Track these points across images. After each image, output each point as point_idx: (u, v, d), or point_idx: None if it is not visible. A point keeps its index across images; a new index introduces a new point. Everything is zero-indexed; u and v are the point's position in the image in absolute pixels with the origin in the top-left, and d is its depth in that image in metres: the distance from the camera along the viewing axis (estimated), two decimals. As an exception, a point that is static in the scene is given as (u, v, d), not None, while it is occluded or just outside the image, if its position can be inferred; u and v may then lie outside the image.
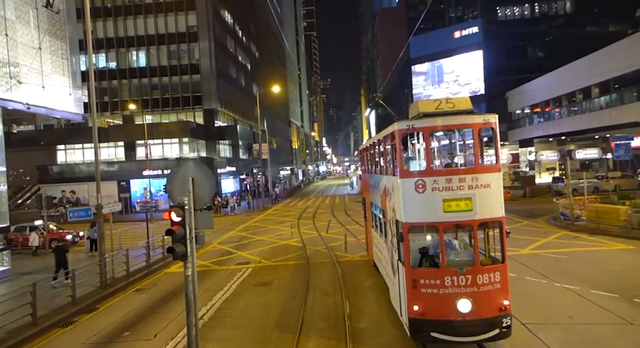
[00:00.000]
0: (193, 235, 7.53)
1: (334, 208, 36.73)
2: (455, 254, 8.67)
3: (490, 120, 7.85)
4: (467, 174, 7.67)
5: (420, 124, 7.93)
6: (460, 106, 8.12)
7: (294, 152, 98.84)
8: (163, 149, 43.65)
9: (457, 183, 7.59)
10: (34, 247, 21.36)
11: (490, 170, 7.85)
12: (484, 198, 7.62)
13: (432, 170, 8.00)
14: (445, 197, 7.57)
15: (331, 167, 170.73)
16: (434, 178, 7.66)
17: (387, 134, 9.09)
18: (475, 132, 7.89)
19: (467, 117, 8.02)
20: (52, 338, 10.33)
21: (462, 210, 7.58)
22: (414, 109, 8.51)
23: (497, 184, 7.80)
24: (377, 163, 11.57)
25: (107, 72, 47.38)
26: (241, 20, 60.34)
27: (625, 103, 31.98)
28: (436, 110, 8.08)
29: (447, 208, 7.57)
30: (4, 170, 17.08)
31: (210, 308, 11.67)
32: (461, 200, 7.57)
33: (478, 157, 7.86)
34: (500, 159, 8.18)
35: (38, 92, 17.16)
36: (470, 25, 60.84)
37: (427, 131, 8.01)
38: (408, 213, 7.82)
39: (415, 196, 7.71)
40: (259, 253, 19.05)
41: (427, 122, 7.93)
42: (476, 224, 7.65)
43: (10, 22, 16.13)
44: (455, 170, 8.00)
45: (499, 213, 7.77)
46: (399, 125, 8.08)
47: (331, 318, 10.42)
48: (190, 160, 8.23)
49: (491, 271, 7.61)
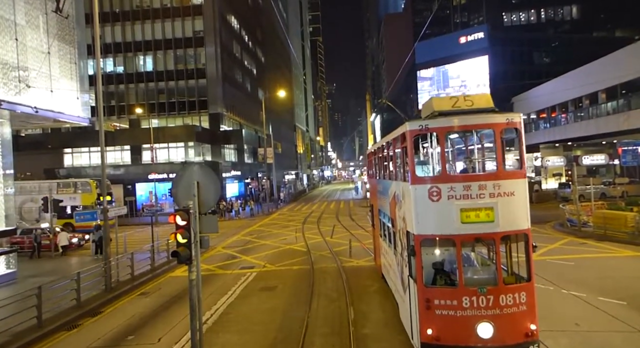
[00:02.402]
0: (198, 239, 7.54)
1: (338, 213, 36.67)
2: (474, 271, 7.83)
3: (514, 120, 7.03)
4: (488, 181, 6.85)
5: (434, 124, 7.11)
6: (480, 104, 7.29)
7: (299, 156, 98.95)
8: (169, 152, 43.86)
9: (476, 191, 6.80)
10: (60, 247, 21.52)
11: (514, 176, 7.04)
12: (508, 208, 6.83)
13: (448, 176, 7.18)
14: (463, 206, 6.79)
15: (336, 172, 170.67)
16: (450, 185, 6.87)
17: (397, 136, 8.34)
18: (498, 133, 7.01)
19: (487, 116, 7.16)
20: (57, 341, 10.35)
21: (483, 222, 6.79)
22: (428, 107, 7.72)
23: (522, 192, 6.99)
24: (385, 167, 10.79)
25: (114, 77, 47.83)
26: (247, 25, 60.75)
27: (632, 109, 31.76)
28: (452, 108, 7.27)
29: (465, 219, 6.78)
30: (12, 173, 17.21)
31: (214, 312, 11.65)
32: (481, 210, 6.78)
33: (500, 161, 7.01)
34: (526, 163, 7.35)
35: (46, 96, 17.33)
36: (476, 31, 60.78)
37: (442, 132, 7.25)
38: (421, 225, 7.03)
39: (429, 205, 6.93)
40: (263, 257, 19.03)
41: (443, 122, 7.11)
42: (498, 237, 6.86)
43: (21, 26, 16.33)
44: (474, 176, 7.27)
45: (524, 224, 6.95)
46: (411, 126, 7.27)
47: (335, 323, 10.37)
48: (196, 164, 8.25)
49: (516, 291, 6.78)
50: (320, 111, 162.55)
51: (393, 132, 8.95)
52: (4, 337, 9.93)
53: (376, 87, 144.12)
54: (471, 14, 72.14)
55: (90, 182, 30.80)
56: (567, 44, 56.78)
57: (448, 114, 7.23)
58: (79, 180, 31.26)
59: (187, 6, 47.10)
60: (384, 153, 10.89)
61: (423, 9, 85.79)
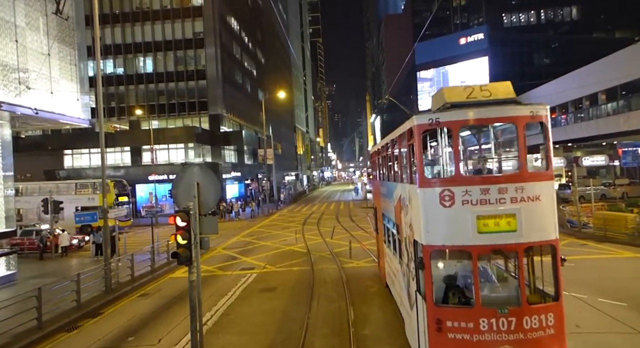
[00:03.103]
0: (198, 240, 7.54)
1: (338, 214, 36.66)
2: (493, 288, 6.99)
3: (540, 113, 6.15)
4: (510, 183, 5.99)
5: (446, 118, 6.19)
6: (499, 94, 6.39)
7: (299, 157, 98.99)
8: (169, 154, 43.89)
9: (496, 195, 5.93)
10: (61, 248, 21.54)
11: (539, 178, 6.16)
12: (532, 215, 5.97)
13: (463, 178, 6.38)
14: (481, 213, 5.93)
15: (336, 173, 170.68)
16: (465, 189, 6.01)
17: (403, 132, 7.46)
18: (521, 127, 6.12)
19: (508, 108, 6.22)
20: (57, 343, 10.34)
21: (503, 231, 5.93)
22: (439, 98, 6.78)
23: (549, 196, 6.14)
24: (390, 168, 9.90)
25: (114, 78, 47.87)
26: (247, 26, 60.81)
27: (632, 110, 31.78)
28: (467, 99, 6.38)
29: (482, 228, 5.94)
30: (12, 175, 17.22)
31: (214, 313, 11.65)
32: (501, 218, 5.93)
33: (524, 161, 6.14)
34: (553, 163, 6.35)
35: (46, 98, 17.34)
36: (476, 32, 60.92)
37: (456, 126, 6.26)
38: (431, 234, 6.19)
39: (440, 211, 6.09)
40: (263, 258, 19.02)
41: (456, 115, 6.20)
42: (522, 249, 6.01)
43: (21, 28, 16.35)
44: (493, 178, 6.41)
45: (551, 234, 6.13)
46: (419, 120, 6.39)
47: (335, 324, 10.36)
48: (196, 165, 8.25)
49: (542, 312, 5.94)
50: (320, 112, 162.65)
51: (398, 128, 8.12)
52: (4, 338, 9.92)
53: (376, 88, 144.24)
54: (471, 15, 72.24)
55: (109, 182, 30.62)
56: (567, 45, 56.85)
57: (462, 106, 6.32)
58: (97, 180, 31.07)
59: (187, 7, 47.15)
60: (388, 152, 10.03)
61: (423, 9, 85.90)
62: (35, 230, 23.04)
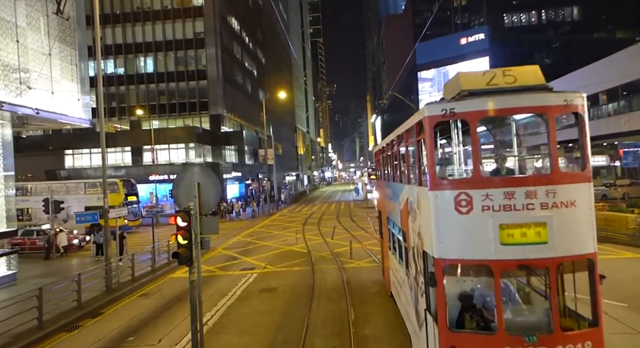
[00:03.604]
0: (198, 240, 7.55)
1: (339, 214, 36.66)
2: (518, 310, 6.00)
3: (575, 101, 5.25)
4: (540, 186, 5.11)
5: (463, 107, 5.30)
6: (526, 80, 5.49)
7: (299, 157, 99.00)
8: (169, 154, 43.92)
9: (522, 200, 5.07)
10: (60, 248, 21.54)
11: (575, 180, 5.28)
12: (566, 224, 5.13)
13: (483, 179, 5.42)
14: (505, 221, 5.09)
15: (337, 173, 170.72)
16: (485, 192, 5.15)
17: (412, 126, 6.48)
18: (552, 118, 5.21)
19: (537, 96, 5.33)
20: (58, 343, 10.35)
21: (532, 243, 5.07)
22: (453, 85, 5.83)
23: (586, 202, 5.27)
24: (396, 167, 8.97)
25: (115, 78, 47.93)
26: (248, 26, 60.84)
27: (633, 110, 31.77)
28: (488, 86, 5.48)
29: (506, 240, 5.09)
30: (13, 175, 17.24)
31: (214, 313, 11.65)
32: (529, 227, 5.07)
33: (556, 159, 5.22)
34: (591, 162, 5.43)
35: (47, 98, 17.36)
36: (477, 32, 60.97)
37: (474, 118, 5.36)
38: (444, 245, 5.34)
39: (456, 219, 5.25)
40: (263, 258, 19.03)
41: (475, 104, 5.32)
42: (554, 265, 5.15)
43: (22, 28, 16.37)
44: (520, 180, 5.52)
45: (588, 247, 5.30)
46: (430, 110, 5.47)
47: (336, 324, 10.36)
48: (196, 166, 8.26)
49: (578, 340, 5.02)
50: (320, 112, 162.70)
51: (405, 122, 7.15)
52: (5, 338, 9.94)
53: (377, 88, 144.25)
54: (472, 15, 72.23)
55: (118, 181, 30.54)
56: (568, 45, 56.81)
57: (482, 94, 5.42)
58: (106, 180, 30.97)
59: (187, 7, 47.19)
60: (394, 150, 9.01)
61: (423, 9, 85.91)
62: (36, 230, 23.07)
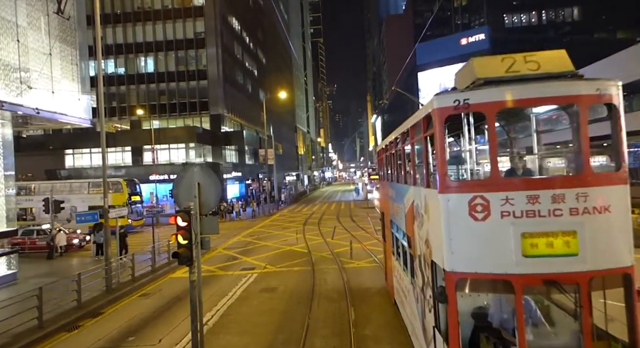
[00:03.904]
0: (198, 240, 7.54)
1: (339, 215, 36.65)
2: (542, 332, 5.34)
3: (609, 91, 4.62)
4: (569, 188, 4.47)
5: (479, 98, 4.66)
6: (551, 66, 4.82)
7: (299, 157, 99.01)
8: (170, 153, 43.93)
9: (548, 205, 4.44)
10: (59, 247, 21.53)
11: (609, 181, 4.64)
12: (600, 232, 4.51)
13: (502, 181, 4.82)
14: (528, 229, 4.48)
15: (337, 173, 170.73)
16: (504, 195, 4.53)
17: (418, 121, 5.83)
18: (584, 110, 4.63)
19: (566, 84, 4.68)
20: (58, 342, 10.35)
21: (559, 254, 4.46)
22: (466, 73, 5.15)
23: (622, 206, 4.64)
24: (400, 167, 8.33)
25: (115, 78, 47.94)
26: (248, 26, 60.85)
27: (634, 110, 31.77)
28: (507, 74, 4.80)
29: (530, 251, 4.48)
30: (13, 174, 17.24)
31: (215, 313, 11.65)
32: (557, 236, 4.45)
33: (587, 158, 4.62)
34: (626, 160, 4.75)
35: (47, 97, 17.36)
36: (477, 32, 60.96)
37: (492, 110, 4.70)
38: (456, 257, 4.71)
39: (470, 226, 4.63)
40: (264, 258, 19.02)
41: (494, 94, 4.67)
42: (586, 280, 4.58)
43: (22, 28, 16.37)
44: (545, 181, 4.81)
45: (625, 259, 4.64)
46: (441, 102, 4.83)
47: (336, 324, 10.35)
48: (197, 165, 8.25)
49: None
50: (321, 112, 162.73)
51: (411, 117, 6.49)
52: (5, 337, 9.93)
53: (377, 88, 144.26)
54: (472, 15, 72.21)
55: (122, 181, 30.58)
56: (568, 45, 55.91)
57: (500, 83, 4.77)
58: (110, 179, 31.00)
59: (188, 7, 47.20)
60: (398, 148, 8.35)
61: (424, 10, 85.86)
62: (36, 230, 23.07)
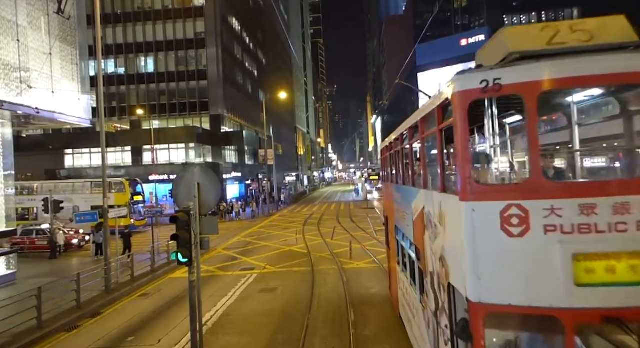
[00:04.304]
0: (198, 240, 7.53)
1: (339, 215, 36.64)
2: None
3: None
4: (635, 195, 3.46)
5: (515, 77, 3.58)
6: (608, 36, 3.82)
7: (299, 158, 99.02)
8: (169, 154, 43.91)
9: (608, 217, 3.45)
10: (59, 246, 21.53)
11: None
12: None
13: (546, 185, 3.64)
14: (581, 249, 3.47)
15: (337, 174, 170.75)
16: (549, 204, 3.50)
17: (431, 111, 4.71)
18: None
19: (629, 57, 3.65)
20: (57, 342, 10.34)
21: (624, 283, 3.43)
22: (495, 47, 4.06)
23: None
24: (407, 167, 7.17)
25: (115, 78, 47.94)
26: (248, 27, 60.87)
27: (633, 111, 31.83)
28: (551, 46, 3.73)
29: (584, 278, 3.45)
30: (13, 174, 17.22)
31: (214, 314, 11.64)
32: (620, 259, 3.44)
33: None
34: None
35: (47, 97, 17.36)
36: (477, 33, 61.02)
37: (534, 92, 3.57)
38: (485, 283, 3.61)
39: (503, 244, 3.57)
40: (263, 259, 19.01)
41: (535, 71, 3.58)
42: None
43: (22, 28, 16.37)
44: (603, 186, 3.66)
45: None
46: (463, 83, 3.74)
47: (336, 325, 10.35)
48: (196, 166, 8.25)
49: None
50: (321, 113, 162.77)
51: (422, 108, 5.35)
52: (4, 337, 9.92)
53: (377, 89, 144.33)
54: (472, 16, 72.31)
55: (124, 181, 30.55)
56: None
57: (543, 56, 3.67)
58: (112, 179, 30.89)
59: (188, 8, 47.22)
60: (405, 145, 7.19)
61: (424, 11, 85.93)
62: (35, 230, 23.04)
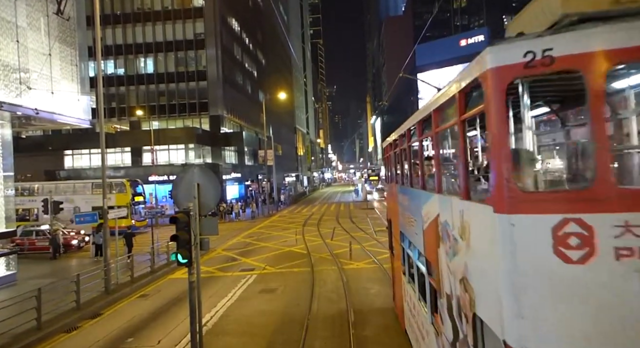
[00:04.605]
0: (198, 241, 7.53)
1: (339, 216, 36.63)
2: None
3: None
4: None
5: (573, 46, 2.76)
6: None
7: (299, 158, 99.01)
8: (169, 154, 43.91)
9: None
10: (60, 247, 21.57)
11: None
12: None
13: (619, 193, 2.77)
14: None
15: (336, 174, 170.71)
16: (623, 219, 2.68)
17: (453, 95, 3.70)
18: None
19: None
20: (56, 344, 10.33)
21: None
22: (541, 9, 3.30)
23: None
24: (416, 166, 6.13)
25: (115, 79, 47.93)
26: (248, 27, 60.88)
27: (633, 112, 31.87)
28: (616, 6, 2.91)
29: None
30: (12, 175, 17.21)
31: (214, 315, 11.63)
32: None
33: None
34: None
35: (47, 98, 17.35)
36: (476, 34, 61.08)
37: (598, 65, 2.72)
38: (530, 325, 2.81)
39: (557, 271, 2.76)
40: (263, 259, 19.01)
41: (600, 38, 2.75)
42: None
43: (22, 29, 16.36)
44: None
45: None
46: (500, 55, 2.91)
47: (335, 326, 10.34)
48: (196, 166, 8.25)
49: None
50: (320, 113, 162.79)
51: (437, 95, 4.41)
52: (4, 338, 9.91)
53: (377, 89, 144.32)
54: (471, 16, 72.39)
55: (125, 182, 30.55)
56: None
57: (608, 20, 2.82)
58: (113, 180, 30.84)
59: (188, 8, 47.23)
60: (413, 141, 6.12)
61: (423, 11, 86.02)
62: (35, 230, 23.02)
